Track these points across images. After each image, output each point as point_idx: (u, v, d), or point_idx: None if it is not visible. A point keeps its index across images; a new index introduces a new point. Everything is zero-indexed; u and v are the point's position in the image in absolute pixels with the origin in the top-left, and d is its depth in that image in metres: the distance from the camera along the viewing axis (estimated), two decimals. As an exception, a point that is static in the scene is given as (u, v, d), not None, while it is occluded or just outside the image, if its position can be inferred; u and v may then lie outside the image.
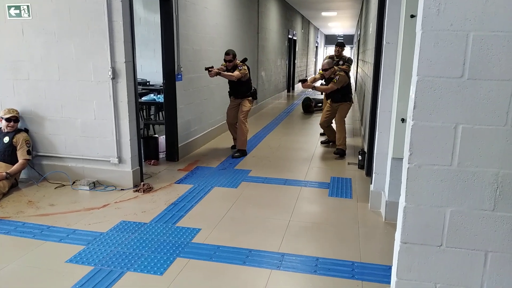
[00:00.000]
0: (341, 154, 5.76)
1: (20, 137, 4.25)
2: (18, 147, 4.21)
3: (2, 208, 3.74)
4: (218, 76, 5.45)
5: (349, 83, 5.96)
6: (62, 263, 2.79)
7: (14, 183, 4.10)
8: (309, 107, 10.18)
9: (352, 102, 6.11)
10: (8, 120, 4.21)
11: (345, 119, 6.05)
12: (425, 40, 1.67)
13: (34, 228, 3.33)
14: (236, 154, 5.65)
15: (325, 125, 6.28)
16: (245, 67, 5.54)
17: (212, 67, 5.41)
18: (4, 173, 4.01)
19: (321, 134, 7.06)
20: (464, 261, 1.82)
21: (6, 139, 4.21)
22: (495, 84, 1.65)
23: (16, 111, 4.33)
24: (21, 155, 4.22)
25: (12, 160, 4.18)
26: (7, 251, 2.97)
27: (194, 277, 2.66)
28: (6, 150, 4.19)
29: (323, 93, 7.17)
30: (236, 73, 5.43)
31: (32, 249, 2.99)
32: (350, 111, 6.51)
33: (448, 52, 1.66)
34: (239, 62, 5.58)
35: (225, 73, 5.46)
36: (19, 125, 4.38)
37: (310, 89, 5.72)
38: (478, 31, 1.62)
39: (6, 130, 4.23)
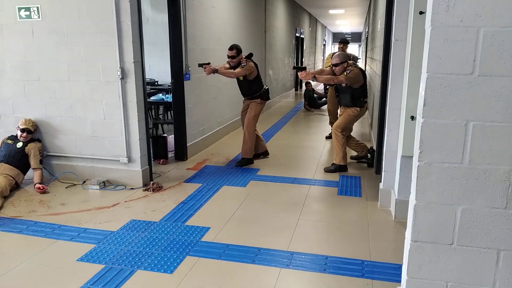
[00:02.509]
0: (335, 171, 4.85)
1: (35, 147, 4.34)
2: (31, 156, 4.30)
3: (14, 207, 3.80)
4: (216, 74, 4.88)
5: (364, 85, 4.91)
6: (73, 261, 2.83)
7: (14, 186, 4.16)
8: (313, 100, 10.12)
9: (365, 109, 5.02)
10: (22, 130, 4.33)
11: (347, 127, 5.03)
12: (435, 37, 1.66)
13: (46, 227, 3.37)
14: (238, 163, 5.17)
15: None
16: (251, 64, 4.98)
17: (209, 63, 4.82)
18: (41, 185, 4.18)
19: (327, 138, 6.75)
20: (476, 259, 1.80)
21: (19, 145, 4.31)
22: (506, 80, 1.63)
23: (32, 123, 4.41)
24: (35, 164, 4.32)
25: (19, 165, 4.25)
26: (20, 250, 3.01)
27: (203, 275, 2.67)
28: (16, 154, 4.26)
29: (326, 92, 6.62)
30: (238, 70, 4.89)
31: (43, 247, 3.03)
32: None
33: (458, 49, 1.65)
34: (244, 58, 5.03)
35: (223, 70, 4.92)
36: (36, 134, 4.50)
37: (309, 80, 4.74)
38: (489, 26, 1.60)
39: (20, 139, 4.34)
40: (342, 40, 6.62)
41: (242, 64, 4.94)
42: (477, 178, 1.73)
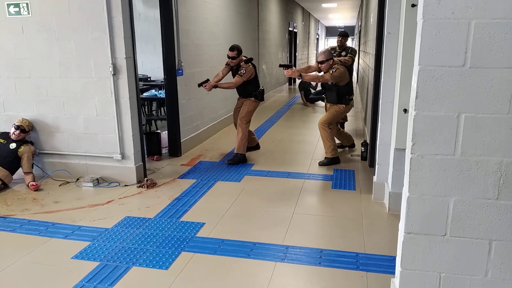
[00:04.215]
0: (328, 164, 4.94)
1: (29, 150, 4.30)
2: (25, 159, 4.26)
3: (7, 206, 3.77)
4: (216, 88, 5.00)
5: (350, 83, 5.05)
6: (68, 259, 2.82)
7: (1, 187, 4.12)
8: (308, 91, 10.08)
9: (351, 106, 5.08)
10: (16, 128, 4.28)
11: (337, 122, 5.17)
12: (426, 29, 1.66)
13: (40, 225, 3.35)
14: (230, 161, 5.01)
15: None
16: (250, 67, 4.98)
17: (207, 80, 4.94)
18: (35, 183, 4.17)
19: None
20: (468, 250, 1.82)
21: (13, 145, 4.26)
22: (497, 72, 1.64)
23: (28, 123, 4.37)
24: (28, 168, 4.29)
25: (10, 167, 4.22)
26: (14, 249, 2.99)
27: (199, 270, 2.68)
28: (8, 155, 4.22)
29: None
30: (236, 80, 4.95)
31: (38, 246, 3.01)
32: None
33: (449, 41, 1.65)
34: (244, 59, 5.00)
35: (222, 84, 5.02)
36: (30, 137, 4.47)
37: (295, 77, 4.81)
38: (480, 18, 1.61)
39: (12, 138, 4.29)
40: (341, 33, 6.51)
41: (241, 72, 4.91)
42: (469, 169, 1.74)
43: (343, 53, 6.36)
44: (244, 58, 5.04)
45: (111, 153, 4.32)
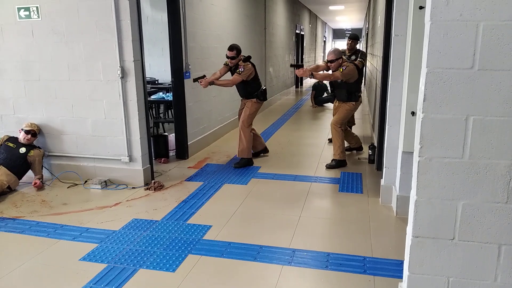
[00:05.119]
0: (336, 166, 4.94)
1: (39, 154, 4.38)
2: (36, 163, 4.34)
3: (16, 208, 3.81)
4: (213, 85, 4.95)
5: (359, 80, 5.10)
6: (76, 261, 2.83)
7: (6, 191, 4.13)
8: (320, 91, 9.98)
9: (360, 102, 5.14)
10: (27, 132, 4.34)
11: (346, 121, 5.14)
12: (434, 31, 1.65)
13: (48, 227, 3.38)
14: (236, 165, 5.00)
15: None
16: (249, 66, 4.89)
17: (204, 76, 4.86)
18: (39, 182, 4.27)
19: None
20: (477, 254, 1.80)
21: (23, 150, 4.30)
22: (506, 74, 1.62)
23: (37, 126, 4.44)
24: (39, 172, 4.38)
25: (18, 171, 4.25)
26: (22, 250, 3.02)
27: (206, 273, 2.68)
28: (18, 159, 4.26)
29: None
30: (235, 77, 4.86)
31: (46, 247, 3.04)
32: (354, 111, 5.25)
33: (457, 43, 1.64)
34: (243, 58, 4.91)
35: (220, 81, 4.93)
36: (36, 142, 4.52)
37: (306, 77, 4.79)
38: (489, 20, 1.60)
39: (22, 142, 4.34)
40: (352, 35, 6.44)
41: (240, 70, 4.84)
42: (477, 172, 1.72)
43: (353, 57, 6.25)
44: (242, 57, 4.95)
45: (119, 155, 4.35)
